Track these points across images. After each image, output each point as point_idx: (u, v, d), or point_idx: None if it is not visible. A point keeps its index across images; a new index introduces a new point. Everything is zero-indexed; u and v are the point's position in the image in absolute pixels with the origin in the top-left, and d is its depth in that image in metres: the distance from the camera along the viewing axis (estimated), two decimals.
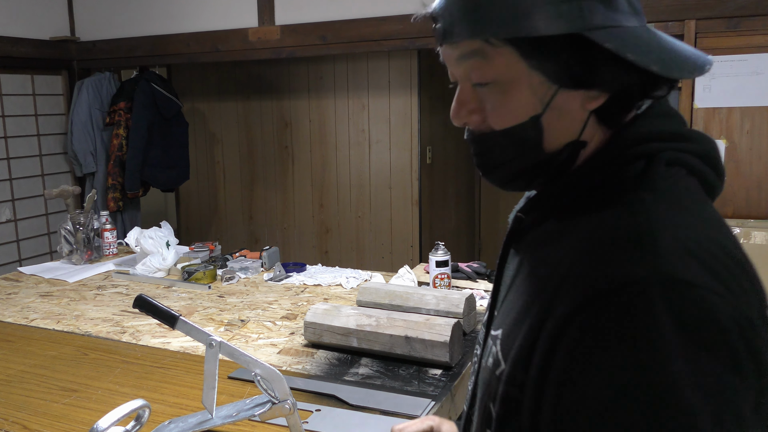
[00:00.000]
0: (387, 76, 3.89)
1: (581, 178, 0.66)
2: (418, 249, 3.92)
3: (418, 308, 1.61)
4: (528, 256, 0.69)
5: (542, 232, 0.68)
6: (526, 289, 0.66)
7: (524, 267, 0.69)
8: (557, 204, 0.67)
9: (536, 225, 0.70)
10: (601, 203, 0.62)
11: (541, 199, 0.70)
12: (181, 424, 1.12)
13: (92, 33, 3.84)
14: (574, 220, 0.64)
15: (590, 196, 0.64)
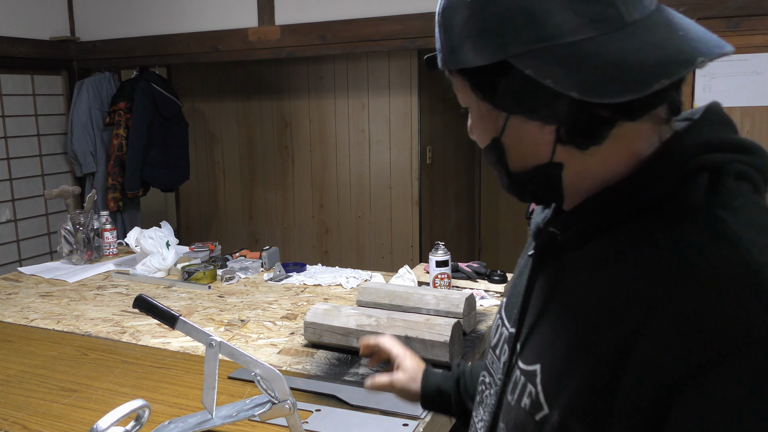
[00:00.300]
0: (387, 76, 3.89)
1: (633, 192, 0.59)
2: (418, 249, 3.92)
3: (418, 308, 1.61)
4: (570, 280, 0.62)
5: (589, 254, 0.61)
6: (574, 321, 0.59)
7: (565, 292, 0.62)
8: (605, 221, 0.60)
9: (577, 243, 0.63)
10: (669, 223, 0.56)
11: (582, 215, 0.62)
12: (181, 424, 1.12)
13: (92, 33, 3.84)
14: (636, 241, 0.57)
15: (651, 214, 0.57)
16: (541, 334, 0.63)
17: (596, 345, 0.55)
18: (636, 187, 0.58)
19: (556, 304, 0.63)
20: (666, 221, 0.56)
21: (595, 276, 0.59)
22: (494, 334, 0.77)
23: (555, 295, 0.64)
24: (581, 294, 0.60)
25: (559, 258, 0.65)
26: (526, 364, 0.64)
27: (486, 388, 0.75)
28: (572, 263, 0.63)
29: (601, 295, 0.57)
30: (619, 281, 0.56)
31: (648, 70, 0.53)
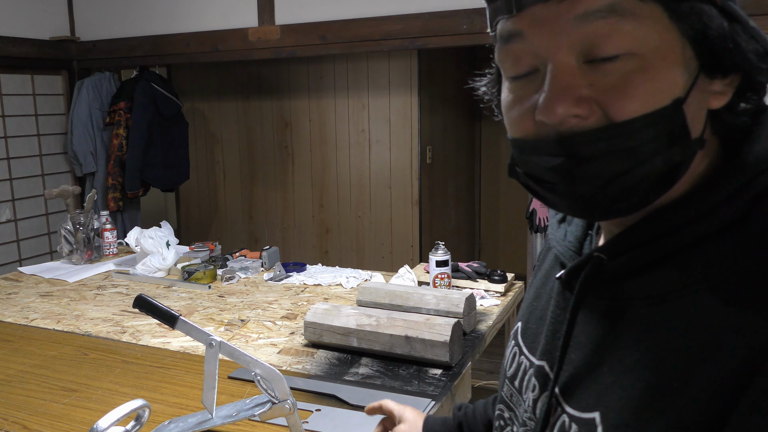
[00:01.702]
0: (387, 76, 3.89)
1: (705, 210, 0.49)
2: (418, 249, 3.92)
3: (418, 308, 1.61)
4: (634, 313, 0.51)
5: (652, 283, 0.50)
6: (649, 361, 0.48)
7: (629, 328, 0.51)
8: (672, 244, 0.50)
9: (633, 271, 0.52)
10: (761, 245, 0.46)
11: (641, 237, 0.51)
12: (181, 424, 1.12)
13: (92, 33, 3.84)
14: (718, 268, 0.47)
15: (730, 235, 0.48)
16: (598, 376, 0.52)
17: (686, 385, 0.45)
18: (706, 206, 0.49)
19: (614, 341, 0.52)
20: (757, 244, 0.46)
21: (669, 308, 0.49)
22: (510, 362, 0.67)
23: (613, 332, 0.52)
24: (651, 329, 0.49)
25: (611, 287, 0.54)
26: (578, 410, 0.53)
27: (507, 425, 0.67)
28: (632, 292, 0.52)
29: (683, 333, 0.47)
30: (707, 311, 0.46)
31: None
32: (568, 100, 0.48)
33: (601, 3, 0.46)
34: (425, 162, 3.94)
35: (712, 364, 0.44)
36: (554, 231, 0.67)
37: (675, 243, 0.49)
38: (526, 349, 0.65)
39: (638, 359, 0.49)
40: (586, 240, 0.63)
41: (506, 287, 1.98)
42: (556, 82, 0.48)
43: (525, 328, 0.67)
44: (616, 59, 0.47)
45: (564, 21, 0.47)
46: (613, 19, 0.46)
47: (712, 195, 0.49)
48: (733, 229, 0.48)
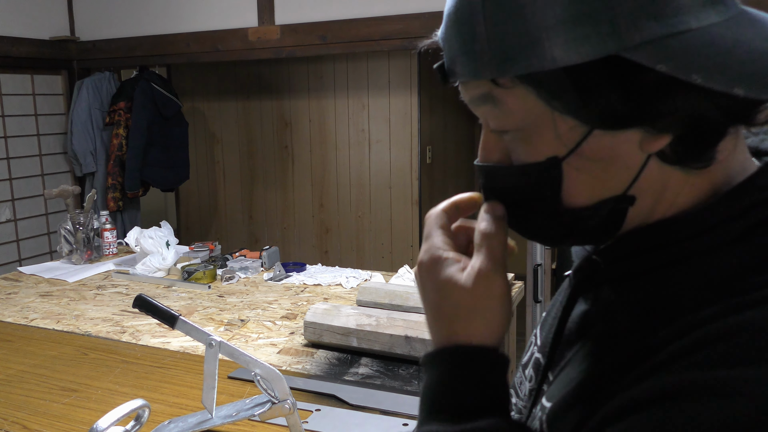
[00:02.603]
0: (387, 76, 3.89)
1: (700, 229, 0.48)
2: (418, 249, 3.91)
3: (418, 308, 1.61)
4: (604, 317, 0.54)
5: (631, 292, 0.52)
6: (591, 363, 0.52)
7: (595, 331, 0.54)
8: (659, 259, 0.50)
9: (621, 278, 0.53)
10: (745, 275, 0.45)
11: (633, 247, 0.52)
12: (180, 424, 1.12)
13: (92, 33, 3.84)
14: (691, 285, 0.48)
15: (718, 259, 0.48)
16: (566, 372, 0.55)
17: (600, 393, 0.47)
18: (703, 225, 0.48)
19: (587, 341, 0.54)
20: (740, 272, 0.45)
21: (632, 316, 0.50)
22: (527, 351, 0.69)
23: (589, 332, 0.55)
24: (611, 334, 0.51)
25: (601, 289, 0.55)
26: (548, 400, 0.56)
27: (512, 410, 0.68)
28: (614, 297, 0.54)
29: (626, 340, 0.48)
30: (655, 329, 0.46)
31: None
32: (486, 154, 0.55)
33: (476, 93, 0.51)
34: (425, 162, 3.95)
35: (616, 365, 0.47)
36: None
37: (665, 258, 0.50)
38: (539, 340, 0.67)
39: (593, 361, 0.52)
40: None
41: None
42: (483, 140, 0.56)
43: (544, 320, 0.69)
44: (506, 133, 0.52)
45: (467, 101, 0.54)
46: (488, 106, 0.51)
47: (710, 215, 0.48)
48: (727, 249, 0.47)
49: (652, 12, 0.43)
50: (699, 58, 0.42)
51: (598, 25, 0.43)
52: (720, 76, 0.42)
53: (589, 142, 0.48)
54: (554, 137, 0.49)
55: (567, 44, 0.44)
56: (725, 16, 0.45)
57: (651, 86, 0.44)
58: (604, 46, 0.44)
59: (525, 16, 0.45)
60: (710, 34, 0.44)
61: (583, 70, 0.45)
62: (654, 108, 0.45)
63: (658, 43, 0.43)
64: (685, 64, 0.42)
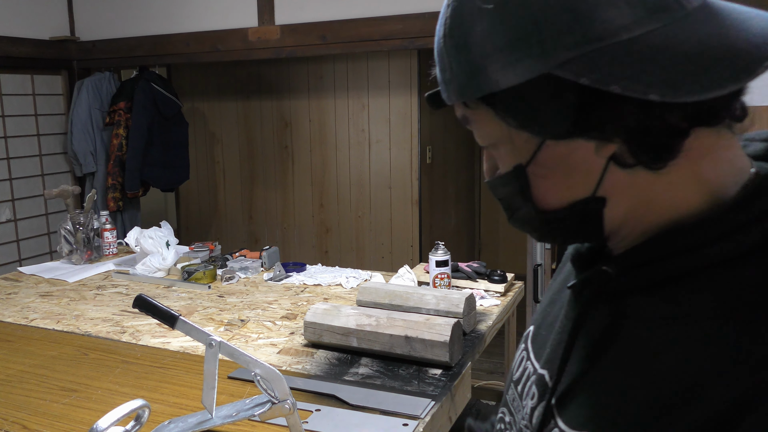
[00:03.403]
0: (387, 76, 3.89)
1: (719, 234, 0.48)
2: (418, 249, 3.92)
3: (418, 308, 1.61)
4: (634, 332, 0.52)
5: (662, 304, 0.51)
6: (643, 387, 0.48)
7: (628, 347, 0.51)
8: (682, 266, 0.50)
9: (641, 289, 0.52)
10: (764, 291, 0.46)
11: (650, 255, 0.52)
12: (180, 424, 1.12)
13: (92, 33, 3.84)
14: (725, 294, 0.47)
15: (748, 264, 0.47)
16: (592, 393, 0.53)
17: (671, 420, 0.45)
18: (721, 231, 0.48)
19: (610, 359, 0.52)
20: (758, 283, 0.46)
21: (666, 334, 0.49)
22: (517, 366, 0.68)
23: (612, 348, 0.53)
24: (650, 352, 0.49)
25: (617, 302, 0.54)
26: (570, 425, 0.53)
27: (506, 429, 0.67)
28: (636, 311, 0.52)
29: (683, 359, 0.46)
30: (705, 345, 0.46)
31: (743, 54, 0.44)
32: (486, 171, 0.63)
33: (459, 114, 0.59)
34: (425, 162, 3.95)
35: (697, 404, 0.44)
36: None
37: (685, 265, 0.50)
38: (533, 354, 0.65)
39: (633, 383, 0.49)
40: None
41: (506, 287, 1.98)
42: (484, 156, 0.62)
43: (536, 333, 0.68)
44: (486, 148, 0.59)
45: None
46: (468, 125, 0.58)
47: (730, 217, 0.49)
48: (751, 257, 0.47)
49: (577, 29, 0.47)
50: (621, 68, 0.45)
51: (529, 48, 0.48)
52: (637, 84, 0.44)
53: (544, 152, 0.53)
54: (515, 148, 0.55)
55: (505, 68, 0.49)
56: (668, 21, 0.47)
57: (580, 99, 0.48)
58: (535, 66, 0.48)
59: (470, 47, 0.51)
60: (640, 42, 0.46)
61: (524, 89, 0.49)
62: (587, 119, 0.48)
63: (583, 59, 0.46)
64: (605, 76, 0.45)
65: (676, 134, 0.48)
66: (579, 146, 0.51)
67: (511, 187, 0.57)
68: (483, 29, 0.50)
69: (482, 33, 0.50)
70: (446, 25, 0.54)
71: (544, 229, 0.58)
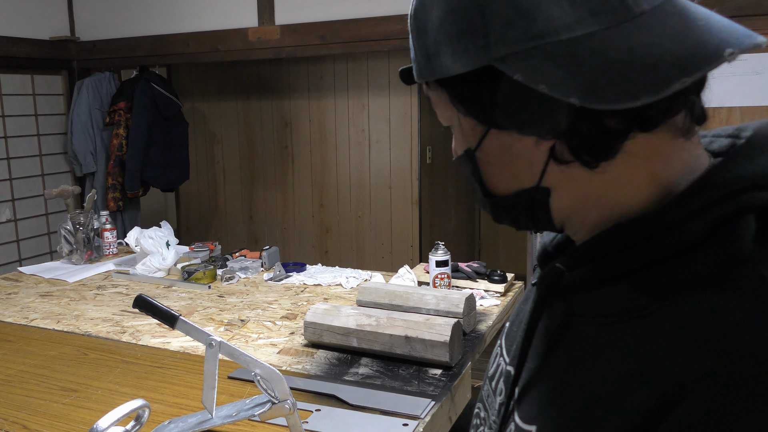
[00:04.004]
0: (387, 76, 3.89)
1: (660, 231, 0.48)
2: (418, 249, 3.92)
3: (418, 308, 1.61)
4: (580, 329, 0.53)
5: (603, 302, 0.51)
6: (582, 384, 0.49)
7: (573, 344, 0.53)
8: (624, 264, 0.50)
9: (588, 286, 0.53)
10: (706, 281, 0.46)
11: (595, 252, 0.52)
12: (181, 424, 1.12)
13: (92, 33, 3.84)
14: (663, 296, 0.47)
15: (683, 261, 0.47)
16: (542, 389, 0.54)
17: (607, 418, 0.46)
18: (663, 225, 0.48)
19: (560, 355, 0.54)
20: (701, 277, 0.46)
21: (609, 332, 0.49)
22: (492, 362, 0.69)
23: (560, 344, 0.54)
24: (589, 352, 0.50)
25: (568, 298, 0.55)
26: (523, 421, 0.55)
27: (481, 424, 0.68)
28: (583, 307, 0.53)
29: (616, 358, 0.47)
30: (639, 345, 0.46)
31: (665, 67, 0.44)
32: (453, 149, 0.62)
33: (425, 91, 0.60)
34: (425, 162, 3.95)
35: (634, 395, 0.45)
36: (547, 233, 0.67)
37: (629, 261, 0.50)
38: (504, 350, 0.67)
39: (578, 378, 0.50)
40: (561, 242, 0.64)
41: (506, 287, 1.98)
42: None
43: (509, 330, 0.69)
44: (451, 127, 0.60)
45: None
46: (431, 105, 0.60)
47: (669, 215, 0.49)
48: (692, 252, 0.47)
49: (519, 26, 0.47)
50: (552, 68, 0.46)
51: (475, 39, 0.50)
52: (562, 86, 0.45)
53: (489, 140, 0.55)
54: (466, 132, 0.57)
55: (453, 56, 0.51)
56: (611, 23, 0.46)
57: (519, 95, 0.49)
58: (478, 57, 0.50)
59: (428, 32, 0.54)
60: (577, 44, 0.46)
61: (470, 78, 0.51)
62: (523, 115, 0.50)
63: (521, 54, 0.47)
64: (536, 74, 0.46)
65: (610, 136, 0.49)
66: (521, 138, 0.52)
67: (465, 169, 0.59)
68: (438, 15, 0.52)
69: (437, 19, 0.52)
70: (414, 5, 0.56)
71: (495, 213, 0.60)
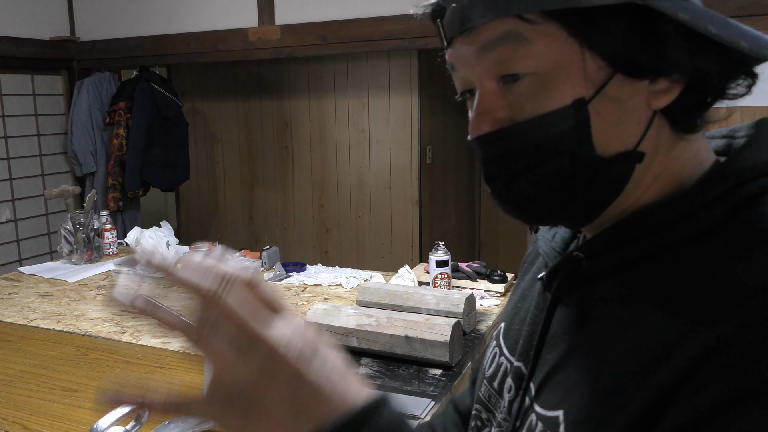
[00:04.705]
0: (387, 76, 3.89)
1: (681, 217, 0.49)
2: (418, 249, 3.92)
3: (418, 308, 1.61)
4: (600, 313, 0.52)
5: (624, 284, 0.51)
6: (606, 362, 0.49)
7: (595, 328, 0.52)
8: (646, 248, 0.50)
9: (606, 273, 0.53)
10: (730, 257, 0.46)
11: (618, 239, 0.52)
12: (181, 424, 1.12)
13: (92, 33, 3.84)
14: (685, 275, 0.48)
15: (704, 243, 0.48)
16: (564, 375, 0.53)
17: (635, 390, 0.45)
18: (684, 210, 0.49)
19: (582, 341, 0.53)
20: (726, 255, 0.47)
21: (632, 311, 0.49)
22: (489, 363, 0.67)
23: (581, 331, 0.53)
24: (615, 331, 0.50)
25: (584, 287, 0.54)
26: (545, 408, 0.53)
27: (485, 425, 0.66)
28: (602, 293, 0.53)
29: (640, 335, 0.47)
30: (665, 322, 0.46)
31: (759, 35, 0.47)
32: (488, 120, 0.52)
33: (496, 33, 0.50)
34: (425, 162, 3.94)
35: (660, 370, 0.45)
36: (544, 232, 0.67)
37: (650, 246, 0.50)
38: (506, 350, 0.65)
39: (601, 359, 0.50)
40: (573, 242, 0.63)
41: (506, 287, 1.98)
42: (479, 106, 0.53)
43: (508, 329, 0.67)
44: (523, 78, 0.50)
45: (473, 53, 0.52)
46: (509, 45, 0.49)
47: (692, 200, 0.49)
48: (710, 236, 0.48)
49: None
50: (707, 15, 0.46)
51: None
52: (728, 30, 0.45)
53: (611, 86, 0.49)
54: (582, 77, 0.49)
55: None
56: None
57: (669, 35, 0.47)
58: None
59: None
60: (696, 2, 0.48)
61: (613, 12, 0.47)
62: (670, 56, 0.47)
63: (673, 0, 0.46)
64: (700, 17, 0.45)
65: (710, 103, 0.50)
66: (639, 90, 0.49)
67: (560, 129, 0.49)
68: None
69: None
70: None
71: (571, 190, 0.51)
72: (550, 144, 0.50)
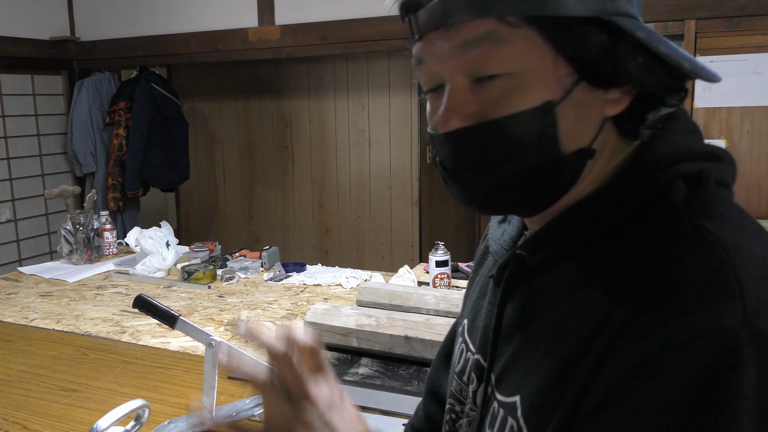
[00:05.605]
0: (387, 76, 3.89)
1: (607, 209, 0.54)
2: (418, 249, 3.92)
3: (418, 308, 1.61)
4: (546, 303, 0.56)
5: (564, 275, 0.55)
6: (553, 347, 0.53)
7: (542, 317, 0.56)
8: (579, 241, 0.55)
9: (548, 266, 0.57)
10: (648, 237, 0.52)
11: (554, 234, 0.57)
12: (180, 424, 1.12)
13: (92, 33, 3.84)
14: (611, 259, 0.53)
15: (627, 229, 0.53)
16: (519, 364, 0.57)
17: (577, 368, 0.50)
18: (609, 202, 0.54)
19: (533, 330, 0.57)
20: (644, 236, 0.52)
21: (571, 298, 0.54)
22: (458, 358, 0.71)
23: (531, 321, 0.57)
24: (558, 318, 0.54)
25: (530, 281, 0.58)
26: (505, 395, 0.58)
27: (458, 418, 0.70)
28: (546, 285, 0.57)
29: (578, 319, 0.52)
30: (597, 303, 0.51)
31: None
32: (458, 116, 0.54)
33: (476, 32, 0.52)
34: (425, 162, 3.95)
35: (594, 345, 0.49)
36: (494, 230, 0.70)
37: (580, 239, 0.55)
38: (471, 345, 0.69)
39: (550, 344, 0.54)
40: (520, 239, 0.66)
41: None
42: (450, 101, 0.55)
43: (471, 325, 0.70)
44: (497, 78, 0.53)
45: (450, 49, 0.54)
46: (487, 45, 0.52)
47: (613, 193, 0.54)
48: (630, 224, 0.53)
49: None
50: (658, 36, 0.52)
51: None
52: (674, 51, 0.51)
53: (576, 91, 0.53)
54: (553, 81, 0.52)
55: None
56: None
57: (628, 50, 0.52)
58: (603, 7, 0.51)
59: None
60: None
61: (585, 23, 0.51)
62: (626, 68, 0.52)
63: (633, 20, 0.52)
64: (653, 37, 0.51)
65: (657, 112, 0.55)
66: (596, 97, 0.54)
67: (528, 128, 0.53)
68: None
69: None
70: None
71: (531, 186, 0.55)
72: (520, 142, 0.53)
